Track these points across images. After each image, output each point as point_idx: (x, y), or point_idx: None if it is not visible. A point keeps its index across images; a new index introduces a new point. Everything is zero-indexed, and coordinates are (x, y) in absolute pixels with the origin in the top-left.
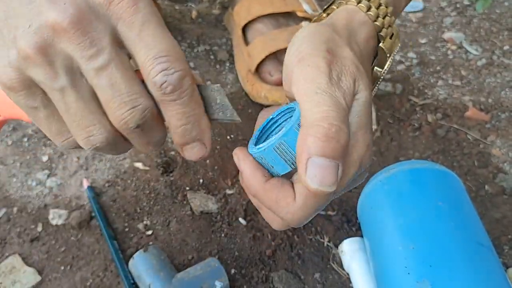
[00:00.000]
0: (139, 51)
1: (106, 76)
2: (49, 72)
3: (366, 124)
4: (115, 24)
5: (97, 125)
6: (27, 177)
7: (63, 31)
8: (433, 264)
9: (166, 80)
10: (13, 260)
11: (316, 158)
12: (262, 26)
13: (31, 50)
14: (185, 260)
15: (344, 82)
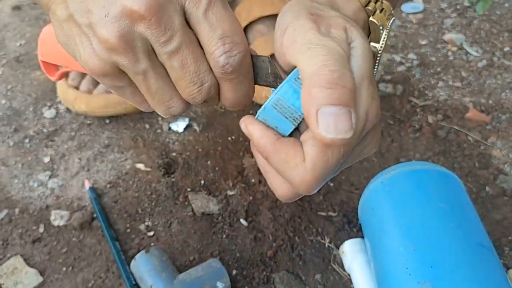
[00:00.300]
0: (204, 30)
1: (178, 58)
2: (131, 57)
3: (367, 74)
4: (183, 2)
5: (174, 98)
6: (28, 178)
7: (140, 18)
8: (434, 265)
9: (228, 62)
10: (15, 261)
11: (325, 108)
12: (262, 27)
13: (113, 39)
14: (186, 261)
15: (334, 33)
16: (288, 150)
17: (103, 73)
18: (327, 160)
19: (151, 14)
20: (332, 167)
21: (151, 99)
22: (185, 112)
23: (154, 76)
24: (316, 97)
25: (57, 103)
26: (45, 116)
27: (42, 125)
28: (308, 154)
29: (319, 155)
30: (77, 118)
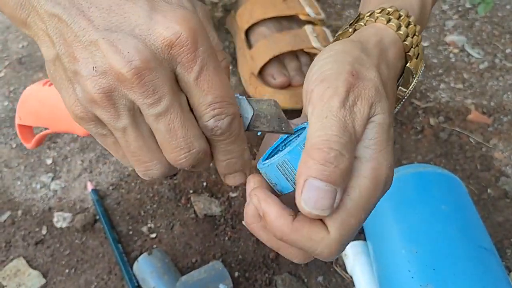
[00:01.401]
0: (195, 95)
1: (165, 121)
2: (112, 114)
3: (385, 146)
4: (174, 66)
5: (155, 161)
6: (31, 180)
7: (127, 81)
8: (437, 268)
9: (217, 125)
10: (18, 263)
11: (313, 180)
12: (265, 29)
13: (97, 95)
14: (189, 263)
15: (358, 107)
16: (310, 227)
17: (84, 120)
18: (351, 226)
19: (138, 78)
20: (357, 229)
21: (129, 156)
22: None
23: (134, 134)
24: (309, 167)
25: None
26: None
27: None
28: (332, 226)
29: (343, 225)
30: None
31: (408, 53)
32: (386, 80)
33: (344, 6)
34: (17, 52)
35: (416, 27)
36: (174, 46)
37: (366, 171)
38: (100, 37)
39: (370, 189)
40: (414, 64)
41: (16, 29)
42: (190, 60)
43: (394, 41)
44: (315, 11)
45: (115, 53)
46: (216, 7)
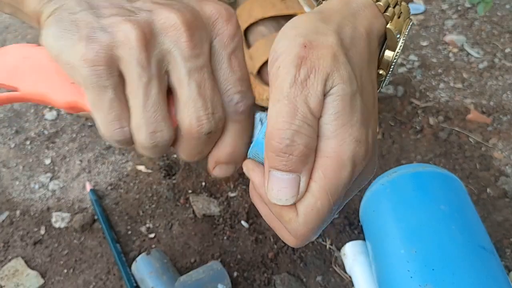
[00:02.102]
0: (225, 69)
1: (198, 78)
2: (143, 60)
3: (348, 118)
4: (213, 37)
5: (167, 123)
6: (29, 180)
7: (173, 28)
8: (436, 268)
9: (243, 101)
10: (16, 263)
11: (273, 171)
12: (263, 28)
13: (134, 35)
14: (187, 263)
15: (311, 81)
16: (281, 208)
17: (97, 60)
18: (318, 212)
19: (186, 27)
20: (325, 217)
21: (141, 112)
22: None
23: (157, 87)
24: (269, 158)
25: None
26: (46, 118)
27: (43, 126)
28: (299, 209)
29: (308, 210)
30: (78, 120)
31: (385, 13)
32: (352, 42)
33: None
34: None
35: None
36: (218, 19)
37: (328, 149)
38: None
39: (333, 169)
40: (395, 24)
41: (15, 28)
42: (231, 35)
43: (364, 3)
44: None
45: (166, 9)
46: None
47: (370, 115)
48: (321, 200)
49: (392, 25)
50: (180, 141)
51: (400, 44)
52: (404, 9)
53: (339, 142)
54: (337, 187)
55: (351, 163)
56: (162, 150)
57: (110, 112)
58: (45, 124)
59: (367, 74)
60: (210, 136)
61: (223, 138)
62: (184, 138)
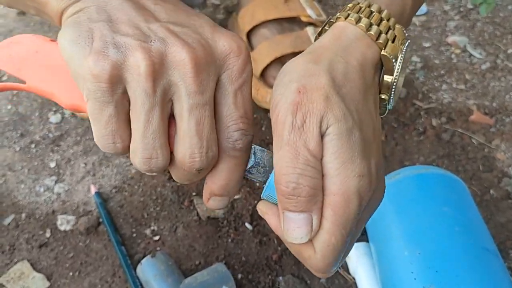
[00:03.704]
0: (229, 105)
1: (197, 115)
2: (149, 88)
3: (347, 155)
4: (222, 72)
5: (164, 151)
6: (35, 183)
7: (182, 64)
8: (439, 270)
9: (241, 139)
10: (22, 266)
11: (287, 213)
12: (266, 31)
13: (144, 65)
14: (192, 265)
15: (307, 125)
16: (299, 245)
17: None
18: (333, 247)
19: (195, 66)
20: (341, 249)
21: (140, 138)
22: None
23: (159, 115)
24: (281, 201)
25: (62, 108)
26: (51, 121)
27: (48, 130)
28: (316, 246)
29: (324, 246)
30: (82, 123)
31: (378, 40)
32: (345, 77)
33: None
34: None
35: (381, 13)
36: (233, 52)
37: (333, 187)
38: (163, 25)
39: (341, 205)
40: (390, 49)
41: (19, 32)
42: (240, 71)
43: (355, 35)
44: (317, 13)
45: (178, 40)
46: (218, 9)
47: (371, 145)
48: (334, 235)
49: (387, 51)
50: (173, 166)
51: (397, 67)
52: (398, 32)
53: (343, 179)
54: (347, 221)
55: (357, 197)
56: (156, 173)
57: (106, 127)
58: (50, 127)
59: (364, 106)
60: (201, 171)
61: (217, 171)
62: (176, 166)
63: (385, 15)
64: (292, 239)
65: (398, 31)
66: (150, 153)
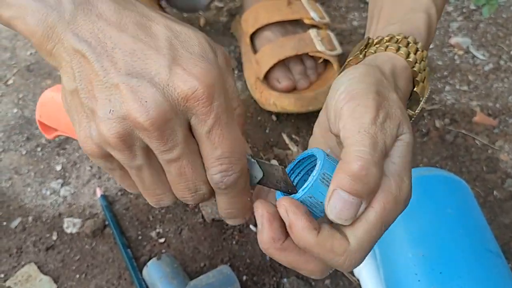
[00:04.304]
0: (205, 147)
1: (176, 166)
2: (127, 155)
3: (408, 163)
4: (189, 117)
5: (167, 193)
6: (41, 186)
7: (143, 129)
8: (443, 271)
9: (222, 181)
10: (29, 268)
11: (340, 191)
12: (269, 33)
13: (112, 138)
14: (197, 267)
15: (388, 124)
16: (333, 241)
17: (95, 156)
18: (370, 239)
19: (155, 128)
20: (375, 241)
21: (142, 190)
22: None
23: (149, 172)
24: (340, 179)
25: None
26: None
27: None
28: (354, 237)
29: (364, 236)
30: None
31: (416, 78)
32: (403, 102)
33: (348, 9)
34: (25, 60)
35: (423, 53)
36: (190, 99)
37: (392, 186)
38: (121, 82)
39: (392, 204)
40: (420, 88)
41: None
42: (204, 114)
43: (404, 67)
44: (320, 15)
45: (134, 101)
46: (221, 11)
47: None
48: (376, 229)
49: (418, 89)
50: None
51: (420, 106)
52: (427, 74)
53: (401, 182)
54: (390, 221)
55: (405, 203)
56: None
57: (123, 182)
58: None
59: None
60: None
61: (218, 201)
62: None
63: (425, 56)
64: (336, 218)
65: (427, 74)
66: (155, 199)
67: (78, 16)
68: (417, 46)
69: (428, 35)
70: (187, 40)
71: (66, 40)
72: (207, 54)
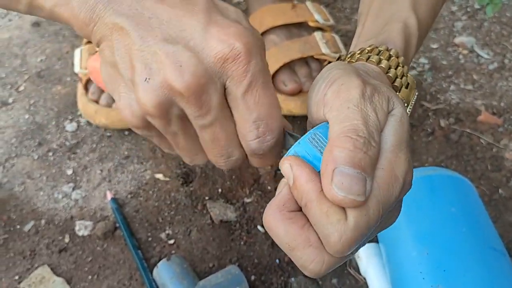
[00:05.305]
0: (241, 110)
1: (209, 132)
2: (164, 122)
3: (404, 139)
4: (224, 80)
5: (200, 154)
6: (53, 190)
7: (179, 94)
8: (447, 269)
9: (260, 147)
10: (43, 270)
11: (343, 167)
12: (275, 37)
13: (150, 106)
14: (206, 267)
15: (376, 99)
16: (331, 206)
17: (134, 126)
18: (368, 220)
19: (190, 93)
20: (371, 228)
21: (178, 151)
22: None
23: (183, 137)
24: (338, 156)
25: (78, 117)
26: (67, 129)
27: (65, 138)
28: (351, 214)
29: (361, 215)
30: (98, 131)
31: (394, 83)
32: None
33: (353, 10)
34: (35, 66)
35: (398, 59)
36: (226, 59)
37: (383, 162)
38: (157, 48)
39: (388, 182)
40: (404, 94)
41: (34, 43)
42: (241, 74)
43: (378, 73)
44: (324, 18)
45: (169, 66)
46: None
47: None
48: (373, 209)
49: (401, 95)
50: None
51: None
52: (410, 80)
53: (395, 157)
54: (388, 199)
55: (403, 179)
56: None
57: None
58: (66, 136)
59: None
60: (234, 168)
61: (251, 161)
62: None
63: (402, 62)
64: (348, 194)
65: (410, 80)
66: (190, 159)
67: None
68: (389, 53)
69: (406, 43)
70: (224, 8)
71: (107, 16)
72: (242, 20)
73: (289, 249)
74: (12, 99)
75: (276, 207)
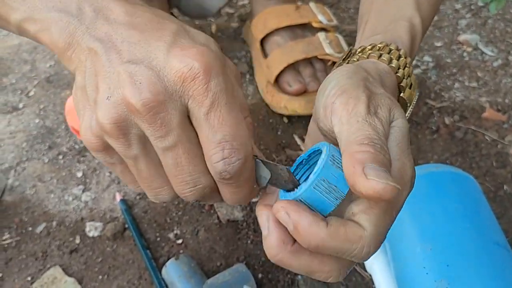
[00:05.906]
0: (204, 131)
1: (172, 156)
2: (123, 143)
3: (407, 148)
4: (186, 101)
5: (165, 187)
6: (63, 192)
7: (137, 112)
8: (451, 264)
9: (226, 170)
10: (54, 271)
11: (371, 164)
12: (279, 38)
13: (107, 124)
14: (214, 266)
15: (380, 113)
16: (346, 229)
17: (94, 148)
18: (385, 223)
19: (147, 110)
20: (389, 228)
21: (140, 182)
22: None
23: (145, 163)
24: (362, 157)
25: None
26: None
27: (74, 141)
28: (368, 222)
29: (379, 221)
30: None
31: (400, 84)
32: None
33: (357, 11)
34: (45, 71)
35: (406, 59)
36: (185, 79)
37: (393, 170)
38: (121, 69)
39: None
40: (407, 94)
41: (43, 48)
42: (202, 94)
43: (388, 72)
44: (328, 18)
45: (129, 83)
46: (232, 17)
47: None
48: (388, 214)
49: (405, 95)
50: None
51: (408, 112)
52: (413, 81)
53: (402, 165)
54: (399, 204)
55: (411, 184)
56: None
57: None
58: (76, 139)
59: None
60: (203, 199)
61: (221, 192)
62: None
63: (409, 62)
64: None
65: (413, 80)
66: (154, 192)
67: (97, 21)
68: (399, 52)
69: (412, 43)
70: (195, 33)
71: (84, 42)
72: (210, 44)
73: (308, 273)
74: (22, 104)
75: (279, 248)
